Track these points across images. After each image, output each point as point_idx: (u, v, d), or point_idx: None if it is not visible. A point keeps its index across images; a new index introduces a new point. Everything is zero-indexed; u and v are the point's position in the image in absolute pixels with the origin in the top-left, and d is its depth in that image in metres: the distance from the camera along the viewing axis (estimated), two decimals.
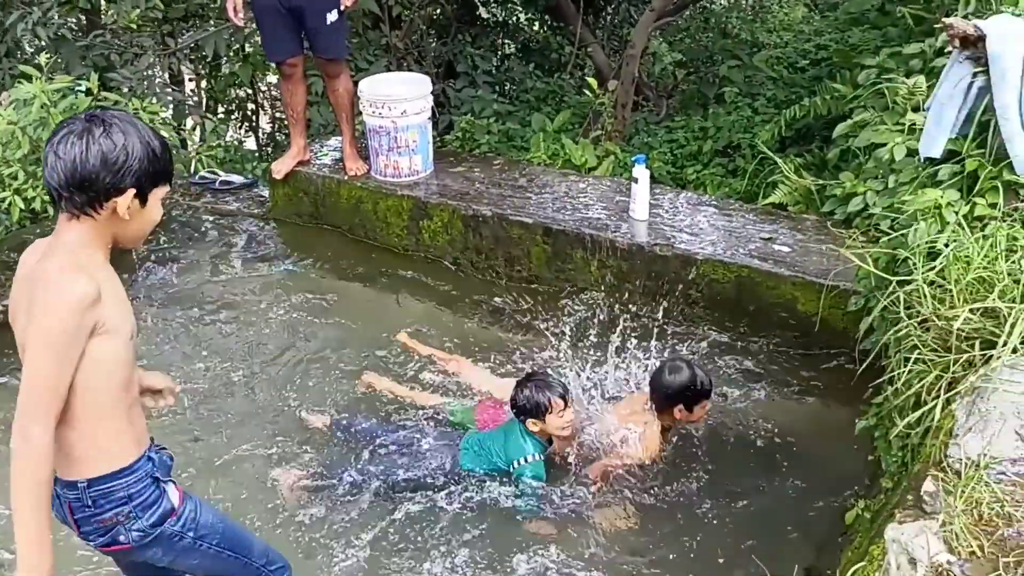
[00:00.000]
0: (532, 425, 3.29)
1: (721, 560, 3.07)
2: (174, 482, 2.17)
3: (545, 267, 4.52)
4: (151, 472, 2.10)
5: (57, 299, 1.85)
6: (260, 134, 9.08)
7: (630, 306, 4.16)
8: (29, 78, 4.84)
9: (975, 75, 3.09)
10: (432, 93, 4.95)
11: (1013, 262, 2.69)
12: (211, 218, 5.22)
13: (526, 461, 3.30)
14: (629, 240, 4.27)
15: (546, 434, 3.33)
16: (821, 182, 4.68)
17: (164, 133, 5.59)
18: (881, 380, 3.05)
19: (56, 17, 5.95)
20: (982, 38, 3.00)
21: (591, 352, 3.93)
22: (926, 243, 2.91)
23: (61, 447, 1.95)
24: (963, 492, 2.12)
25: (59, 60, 6.04)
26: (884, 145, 4.00)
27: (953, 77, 3.17)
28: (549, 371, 3.42)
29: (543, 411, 3.24)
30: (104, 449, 2.01)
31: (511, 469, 3.33)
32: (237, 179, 5.63)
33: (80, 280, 1.86)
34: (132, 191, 1.90)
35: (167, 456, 2.20)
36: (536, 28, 9.80)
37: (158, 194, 1.97)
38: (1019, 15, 3.27)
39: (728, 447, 3.58)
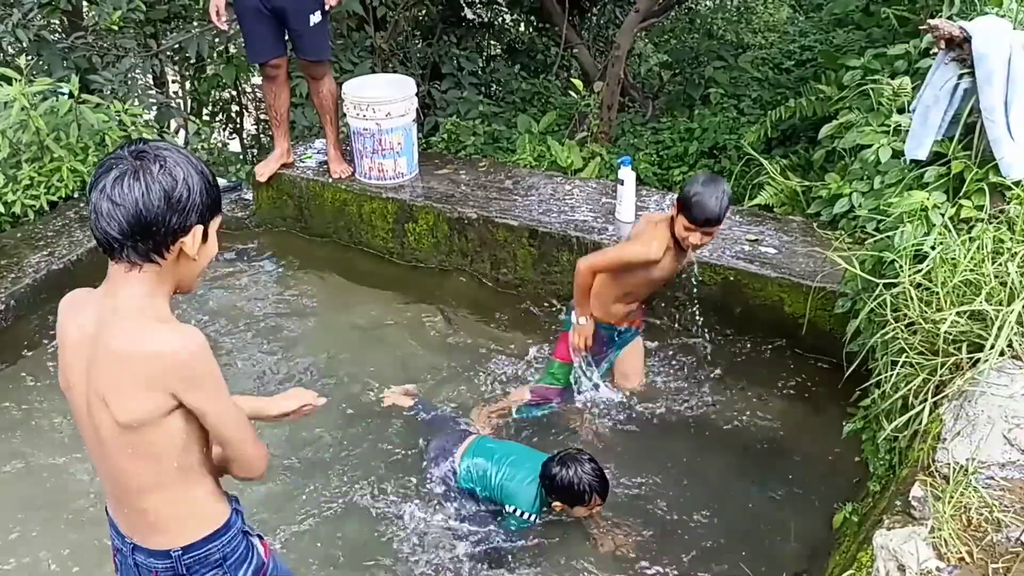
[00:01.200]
0: (555, 503, 3.03)
1: (712, 560, 3.05)
2: (260, 535, 2.07)
3: (531, 270, 4.50)
4: (241, 527, 1.98)
5: (178, 357, 1.69)
6: (244, 136, 9.01)
7: None
8: (9, 80, 4.78)
9: (961, 77, 3.09)
10: (417, 95, 4.92)
11: (999, 264, 2.69)
12: None
13: (519, 514, 3.08)
14: (616, 242, 4.25)
15: (561, 509, 3.08)
16: (807, 183, 4.68)
17: (147, 136, 5.55)
18: (868, 383, 3.04)
19: (37, 19, 5.89)
20: (968, 39, 3.00)
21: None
22: (912, 245, 2.90)
23: (146, 516, 1.85)
24: (951, 497, 2.12)
25: (40, 62, 5.98)
26: (869, 146, 4.00)
27: (939, 79, 3.17)
28: (595, 460, 3.04)
29: (577, 502, 2.99)
30: (198, 513, 1.89)
31: (502, 508, 3.13)
32: (221, 182, 5.57)
33: (179, 329, 1.72)
34: (199, 227, 1.72)
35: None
36: (521, 29, 9.78)
37: (215, 225, 1.78)
38: (1005, 16, 3.27)
39: (714, 449, 3.56)
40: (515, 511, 3.09)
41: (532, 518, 3.09)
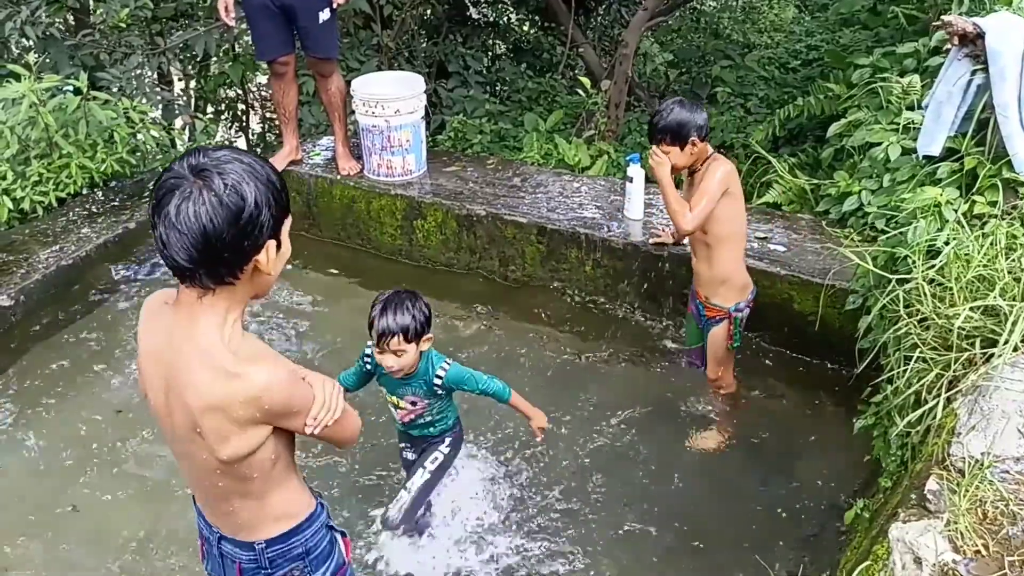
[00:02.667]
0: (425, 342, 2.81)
1: (720, 558, 3.05)
2: (343, 532, 2.04)
3: (540, 267, 4.50)
4: (325, 521, 1.96)
5: (270, 395, 1.64)
6: (250, 135, 9.02)
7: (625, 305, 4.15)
8: (18, 77, 4.79)
9: (974, 73, 3.08)
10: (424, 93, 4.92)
11: (1013, 260, 2.68)
12: None
13: (444, 370, 2.87)
14: (624, 239, 4.25)
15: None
16: (815, 182, 4.68)
17: (154, 133, 5.56)
18: (879, 380, 3.03)
19: (44, 16, 5.90)
20: (981, 35, 3.00)
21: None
22: (925, 241, 2.89)
23: (232, 516, 1.84)
24: (967, 491, 2.11)
25: (48, 60, 5.99)
26: (879, 144, 4.00)
27: (952, 75, 3.16)
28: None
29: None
30: (285, 510, 1.87)
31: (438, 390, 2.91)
32: None
33: (261, 360, 1.66)
34: (272, 241, 1.62)
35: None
36: (527, 28, 9.79)
37: (287, 228, 1.67)
38: (1017, 13, 3.26)
39: (724, 445, 3.56)
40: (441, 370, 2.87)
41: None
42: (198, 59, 7.70)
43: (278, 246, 1.65)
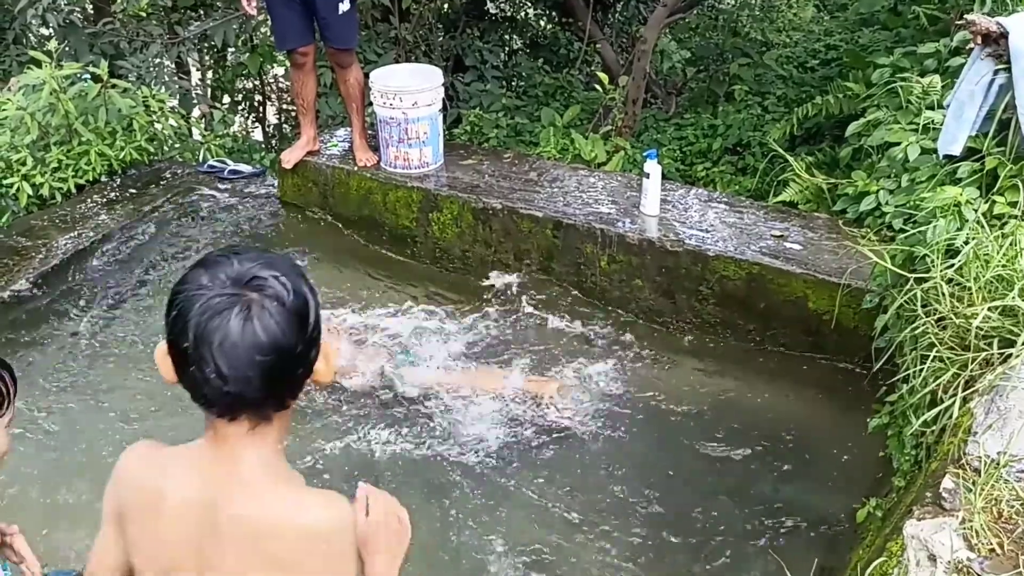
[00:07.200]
0: None
1: (731, 554, 3.05)
2: None
3: (555, 261, 4.50)
4: None
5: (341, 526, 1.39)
6: (267, 126, 9.06)
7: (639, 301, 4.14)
8: (38, 64, 4.82)
9: (996, 72, 3.07)
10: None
11: None
12: (219, 207, 5.20)
13: None
14: (640, 235, 4.25)
15: None
16: (833, 181, 4.66)
17: (172, 122, 5.59)
18: (895, 379, 3.03)
19: (65, 4, 5.94)
20: (1004, 35, 2.99)
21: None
22: (945, 240, 2.89)
23: None
24: (983, 489, 2.11)
25: (68, 47, 6.03)
26: (898, 144, 3.98)
27: (974, 74, 3.15)
28: None
29: None
30: None
31: None
32: (246, 168, 5.60)
33: (323, 493, 1.42)
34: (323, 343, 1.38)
35: None
36: (544, 24, 9.79)
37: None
38: None
39: (733, 443, 3.55)
40: None
41: None
42: (217, 49, 7.74)
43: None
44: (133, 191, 5.02)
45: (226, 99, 8.65)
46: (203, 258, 1.35)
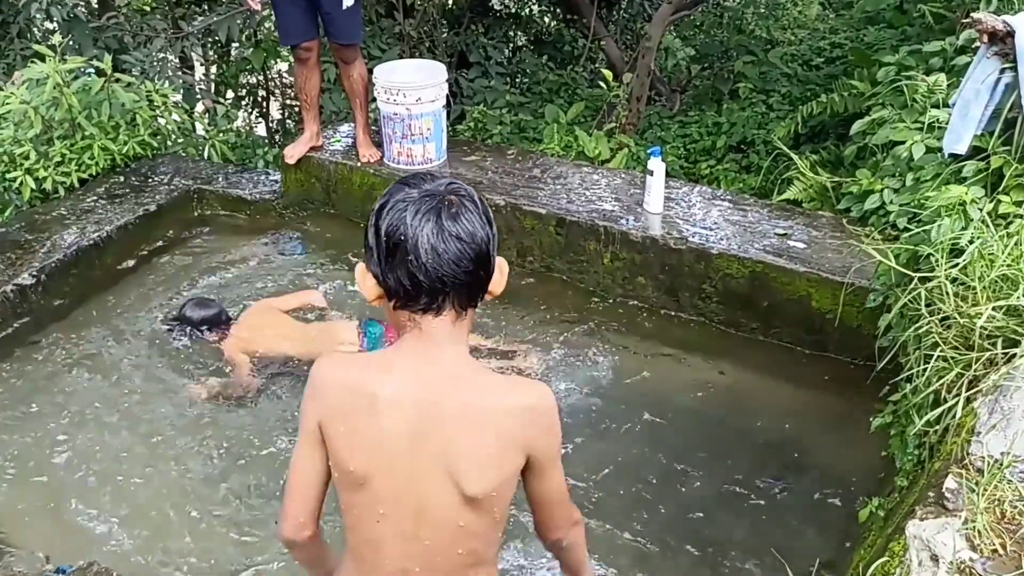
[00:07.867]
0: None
1: (732, 554, 3.05)
2: None
3: (557, 258, 4.50)
4: None
5: (543, 406, 1.61)
6: (270, 121, 9.05)
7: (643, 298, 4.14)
8: (42, 58, 4.82)
9: (1002, 71, 3.06)
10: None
11: None
12: (222, 203, 5.20)
13: None
14: (643, 232, 4.24)
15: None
16: (837, 179, 4.65)
17: (176, 116, 5.59)
18: (899, 379, 3.02)
19: None
20: (1011, 33, 2.97)
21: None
22: (949, 239, 2.88)
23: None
24: (985, 490, 2.10)
25: (72, 41, 6.02)
26: (903, 143, 3.97)
27: (980, 73, 3.14)
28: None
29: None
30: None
31: None
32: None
33: (527, 381, 1.67)
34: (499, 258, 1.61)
35: None
36: (548, 20, 9.78)
37: None
38: None
39: (734, 442, 3.55)
40: None
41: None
42: (221, 44, 7.73)
43: None
44: (136, 185, 5.02)
45: (230, 94, 8.63)
46: (399, 180, 1.57)
